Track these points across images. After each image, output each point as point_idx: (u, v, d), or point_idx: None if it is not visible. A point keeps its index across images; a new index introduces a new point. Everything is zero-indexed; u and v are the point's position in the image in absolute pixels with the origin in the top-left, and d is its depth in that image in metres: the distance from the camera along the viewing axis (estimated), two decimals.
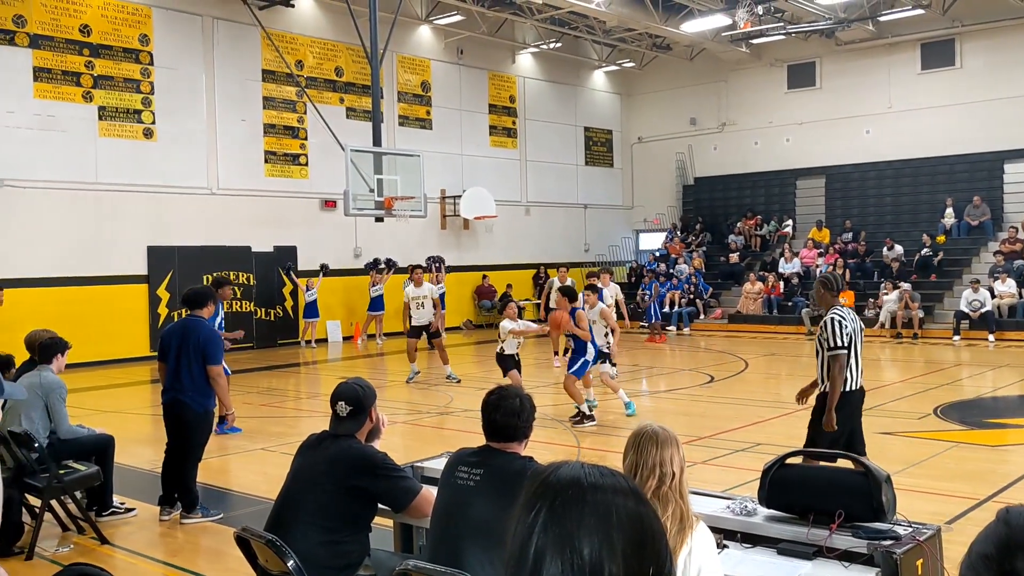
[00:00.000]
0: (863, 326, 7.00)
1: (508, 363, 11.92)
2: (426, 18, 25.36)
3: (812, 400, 6.98)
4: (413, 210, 17.31)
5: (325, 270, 22.70)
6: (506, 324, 11.97)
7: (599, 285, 13.34)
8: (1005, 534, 1.36)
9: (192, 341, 7.46)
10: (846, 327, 6.60)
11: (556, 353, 16.36)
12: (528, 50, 28.63)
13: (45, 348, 7.45)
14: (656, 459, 3.19)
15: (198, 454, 7.66)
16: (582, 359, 11.23)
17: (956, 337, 20.52)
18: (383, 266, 22.93)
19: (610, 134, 32.03)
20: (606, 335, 12.16)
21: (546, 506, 1.34)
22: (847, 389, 6.62)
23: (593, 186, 31.16)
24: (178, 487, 7.56)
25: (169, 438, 7.66)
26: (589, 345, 11.22)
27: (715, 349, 20.63)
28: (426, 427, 11.82)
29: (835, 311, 6.70)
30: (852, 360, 6.63)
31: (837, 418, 6.56)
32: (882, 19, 25.06)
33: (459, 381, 15.12)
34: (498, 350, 12.06)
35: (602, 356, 12.01)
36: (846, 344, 6.57)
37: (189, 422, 7.48)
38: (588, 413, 11.29)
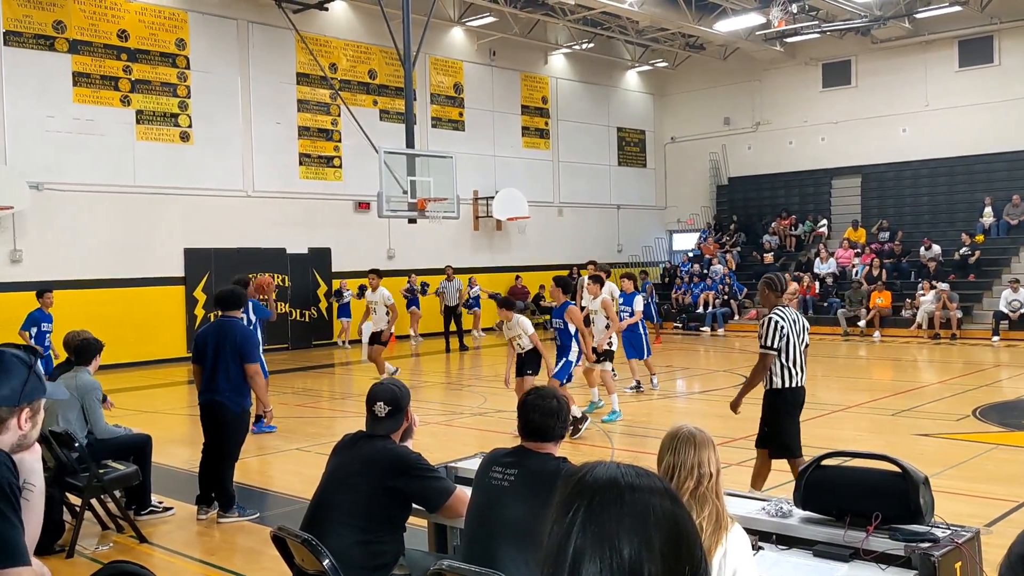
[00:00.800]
0: (807, 325, 7.23)
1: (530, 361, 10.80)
2: (458, 20, 25.43)
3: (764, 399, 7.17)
4: (446, 211, 17.37)
5: (361, 292, 22.78)
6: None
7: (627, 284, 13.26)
8: None
9: (228, 342, 7.52)
10: (782, 328, 6.83)
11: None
12: (560, 51, 28.60)
13: (83, 350, 7.50)
14: (694, 460, 3.19)
15: (235, 454, 7.75)
16: (564, 359, 10.68)
17: (995, 338, 20.25)
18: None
19: (643, 134, 31.91)
20: (607, 327, 11.87)
21: (584, 506, 1.35)
22: (790, 386, 6.88)
23: (626, 186, 31.06)
24: (215, 486, 7.64)
25: (206, 438, 7.74)
26: (573, 344, 10.67)
27: (750, 350, 20.45)
28: (459, 427, 11.86)
29: (775, 311, 6.95)
30: (792, 358, 6.87)
31: (781, 415, 6.86)
32: (918, 16, 24.79)
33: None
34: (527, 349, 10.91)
35: (606, 355, 11.71)
36: (775, 346, 6.82)
37: (227, 422, 7.55)
38: (579, 416, 10.59)
